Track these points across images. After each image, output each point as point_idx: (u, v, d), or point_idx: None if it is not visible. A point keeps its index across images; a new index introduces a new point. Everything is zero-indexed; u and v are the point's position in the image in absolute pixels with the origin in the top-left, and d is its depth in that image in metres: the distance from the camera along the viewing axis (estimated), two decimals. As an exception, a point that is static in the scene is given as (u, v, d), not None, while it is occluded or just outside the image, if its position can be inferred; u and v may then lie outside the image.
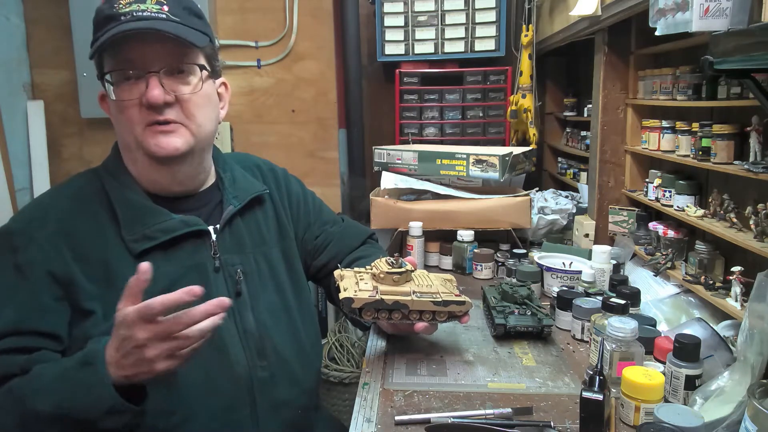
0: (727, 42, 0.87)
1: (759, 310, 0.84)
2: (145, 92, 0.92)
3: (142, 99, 0.92)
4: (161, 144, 0.94)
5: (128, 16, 0.92)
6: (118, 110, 0.95)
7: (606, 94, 1.68)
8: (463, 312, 1.07)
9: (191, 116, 0.97)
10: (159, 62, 0.93)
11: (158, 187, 1.01)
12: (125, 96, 0.93)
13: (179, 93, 0.95)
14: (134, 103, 0.93)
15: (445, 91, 2.38)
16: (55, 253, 0.92)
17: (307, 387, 1.10)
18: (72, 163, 2.39)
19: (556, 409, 0.94)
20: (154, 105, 0.92)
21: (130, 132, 0.95)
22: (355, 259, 1.25)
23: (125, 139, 0.98)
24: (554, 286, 1.37)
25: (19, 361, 0.86)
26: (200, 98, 0.98)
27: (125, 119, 0.95)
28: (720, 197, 1.23)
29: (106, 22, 0.93)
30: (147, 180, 1.01)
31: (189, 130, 0.97)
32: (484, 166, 1.69)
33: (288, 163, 1.31)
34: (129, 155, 1.00)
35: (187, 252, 0.99)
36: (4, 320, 0.88)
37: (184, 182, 1.03)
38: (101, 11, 0.94)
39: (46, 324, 0.90)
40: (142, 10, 0.93)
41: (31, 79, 2.36)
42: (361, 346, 2.19)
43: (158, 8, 0.94)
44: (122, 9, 0.93)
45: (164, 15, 0.94)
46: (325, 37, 2.29)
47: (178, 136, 0.95)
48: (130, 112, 0.94)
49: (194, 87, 0.97)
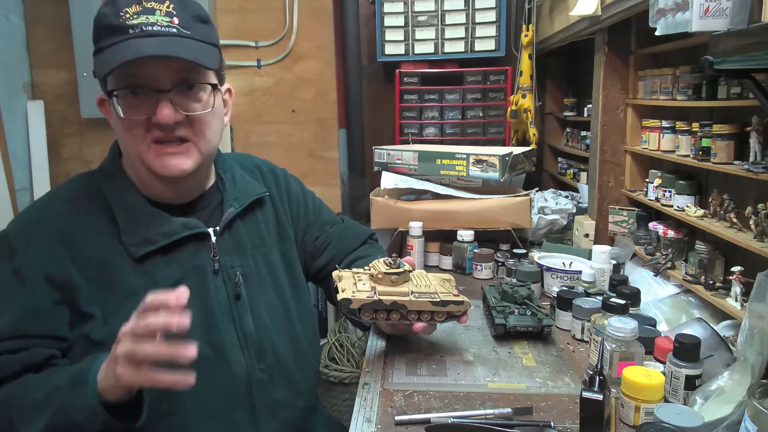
0: (727, 42, 0.87)
1: (759, 310, 0.84)
2: (155, 111, 0.89)
3: (151, 118, 0.90)
4: (167, 166, 0.92)
5: (137, 29, 0.88)
6: (123, 127, 0.92)
7: (606, 94, 1.68)
8: (461, 312, 1.07)
9: (200, 133, 0.95)
10: (169, 81, 0.90)
11: (159, 195, 1.00)
12: (133, 114, 0.90)
13: (190, 112, 0.92)
14: (142, 121, 0.91)
15: (445, 91, 2.38)
16: (53, 257, 0.91)
17: (306, 388, 1.10)
18: (72, 163, 2.39)
19: (556, 409, 0.94)
20: (165, 125, 0.90)
21: (133, 147, 0.93)
22: (355, 259, 1.25)
23: (127, 152, 0.96)
24: (554, 286, 1.37)
25: (19, 358, 0.87)
26: (209, 114, 0.96)
27: (129, 136, 0.92)
28: (720, 197, 1.23)
29: (111, 32, 0.89)
30: (148, 188, 1.00)
31: (197, 148, 0.95)
32: (484, 166, 1.69)
33: (288, 163, 1.31)
34: (131, 164, 0.99)
35: (187, 255, 0.98)
36: (3, 323, 0.88)
37: (184, 194, 1.03)
38: (105, 17, 0.90)
39: (44, 327, 0.90)
40: (152, 23, 0.89)
41: (31, 79, 2.36)
42: (361, 346, 2.18)
43: (168, 21, 0.90)
44: (130, 21, 0.88)
45: (175, 29, 0.90)
46: (325, 37, 2.29)
47: (187, 157, 0.94)
48: (137, 131, 0.91)
49: (205, 104, 0.94)
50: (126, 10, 0.89)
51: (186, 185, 1.01)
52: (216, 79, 0.97)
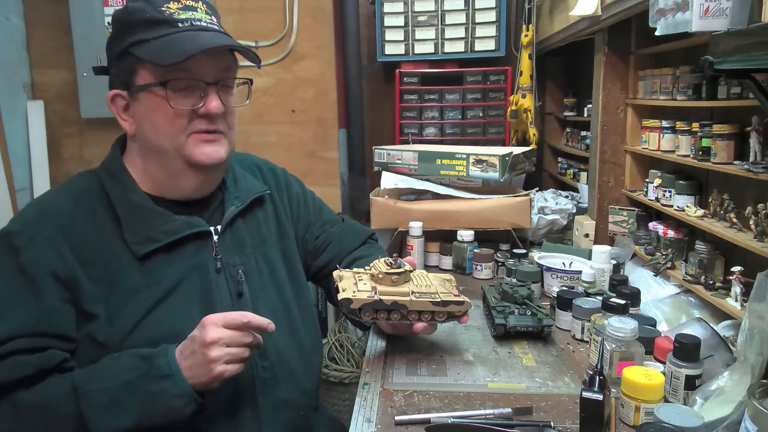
0: (727, 42, 0.87)
1: (759, 310, 0.84)
2: (201, 102, 0.94)
3: (198, 109, 0.94)
4: (208, 153, 0.97)
5: (186, 23, 0.93)
6: (165, 117, 0.94)
7: (606, 94, 1.68)
8: (462, 312, 1.07)
9: (232, 127, 1.01)
10: (215, 75, 0.96)
11: (176, 191, 1.01)
12: (181, 105, 0.94)
13: (230, 105, 0.99)
14: (186, 112, 0.94)
15: (445, 91, 2.38)
16: (57, 254, 0.91)
17: (308, 387, 1.10)
18: (72, 163, 2.39)
19: (556, 409, 0.94)
20: (215, 116, 0.95)
21: (171, 139, 0.95)
22: (355, 259, 1.25)
23: (161, 145, 0.96)
24: (554, 286, 1.37)
25: (33, 360, 0.86)
26: (237, 109, 1.03)
27: (171, 126, 0.94)
28: (720, 197, 1.23)
29: (156, 25, 0.92)
30: (166, 184, 1.00)
31: (228, 139, 1.01)
32: (484, 166, 1.69)
33: (288, 163, 1.31)
34: (154, 159, 0.98)
35: (189, 253, 0.99)
36: (14, 322, 0.88)
37: (206, 188, 1.05)
38: (141, 11, 0.93)
39: (55, 325, 0.89)
40: (198, 19, 0.95)
41: (31, 79, 2.36)
42: (361, 346, 2.19)
43: (210, 19, 0.98)
44: (176, 15, 0.93)
45: (217, 26, 0.97)
46: (325, 37, 2.29)
47: (221, 146, 0.99)
48: (180, 121, 0.94)
49: (240, 99, 1.02)
50: (168, 6, 0.94)
51: (214, 176, 1.04)
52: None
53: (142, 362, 0.86)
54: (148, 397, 0.85)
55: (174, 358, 0.86)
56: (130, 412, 0.84)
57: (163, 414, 0.85)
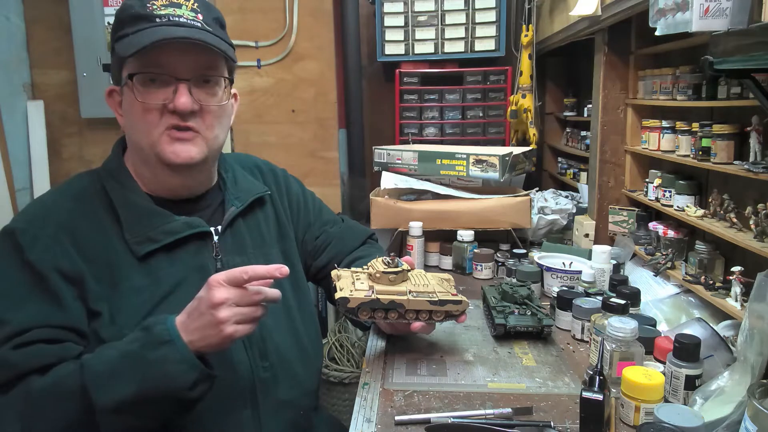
0: (727, 42, 0.87)
1: (759, 310, 0.84)
2: (173, 98, 0.92)
3: (168, 104, 0.92)
4: (177, 152, 0.94)
5: (164, 19, 0.92)
6: (137, 112, 0.94)
7: (606, 94, 1.68)
8: (460, 311, 1.07)
9: (210, 127, 0.97)
10: (189, 71, 0.93)
11: (164, 189, 1.01)
12: (150, 99, 0.92)
13: (205, 103, 0.96)
14: (157, 107, 0.93)
15: (445, 91, 2.38)
16: (62, 251, 0.91)
17: (309, 387, 1.10)
18: (72, 163, 2.40)
19: (556, 409, 0.94)
20: (182, 112, 0.93)
21: (146, 135, 0.95)
22: (355, 259, 1.25)
23: (138, 141, 0.97)
24: (554, 286, 1.37)
25: (55, 350, 0.85)
26: (220, 110, 0.99)
27: (143, 122, 0.94)
28: (720, 197, 1.23)
29: (137, 20, 0.92)
30: (154, 182, 1.00)
31: (205, 140, 0.97)
32: (484, 166, 1.69)
33: (288, 163, 1.31)
34: (138, 156, 0.99)
35: (189, 254, 0.99)
36: (34, 312, 0.87)
37: (191, 187, 1.04)
38: (130, 8, 0.94)
39: (71, 319, 0.89)
40: (179, 15, 0.93)
41: (31, 79, 2.36)
42: (361, 346, 2.19)
43: (194, 16, 0.95)
44: (157, 11, 0.92)
45: (199, 24, 0.94)
46: (325, 37, 2.29)
47: (194, 146, 0.96)
48: (151, 116, 0.93)
49: (220, 99, 0.98)
50: (153, 2, 0.93)
51: (193, 178, 1.02)
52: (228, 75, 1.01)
53: (141, 332, 0.84)
54: (148, 364, 0.81)
55: (174, 325, 0.83)
56: (130, 381, 0.81)
57: (165, 383, 0.81)
